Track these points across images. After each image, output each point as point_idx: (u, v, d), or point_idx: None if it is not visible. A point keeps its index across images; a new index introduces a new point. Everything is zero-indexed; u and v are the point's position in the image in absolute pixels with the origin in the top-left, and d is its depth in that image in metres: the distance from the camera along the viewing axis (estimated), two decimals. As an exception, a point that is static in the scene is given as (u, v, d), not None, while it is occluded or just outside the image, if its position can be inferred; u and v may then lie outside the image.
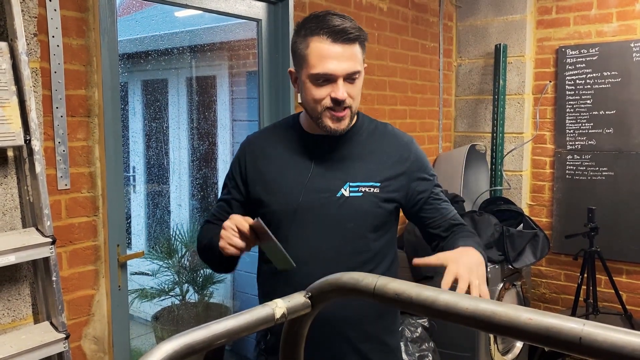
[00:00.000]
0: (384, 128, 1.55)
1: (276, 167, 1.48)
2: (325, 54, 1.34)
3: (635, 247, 3.42)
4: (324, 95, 1.37)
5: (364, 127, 1.51)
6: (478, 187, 3.72)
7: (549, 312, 0.74)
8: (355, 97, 1.40)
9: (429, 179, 1.51)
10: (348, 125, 1.42)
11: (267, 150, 1.52)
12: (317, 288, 0.98)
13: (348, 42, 1.35)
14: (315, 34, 1.35)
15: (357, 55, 1.38)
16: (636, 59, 3.37)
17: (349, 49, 1.35)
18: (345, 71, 1.35)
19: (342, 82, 1.36)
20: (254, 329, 0.93)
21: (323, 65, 1.34)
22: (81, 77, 1.85)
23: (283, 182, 1.45)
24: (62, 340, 1.58)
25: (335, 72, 1.34)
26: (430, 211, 1.49)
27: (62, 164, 1.79)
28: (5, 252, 1.46)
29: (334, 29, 1.34)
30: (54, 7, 1.72)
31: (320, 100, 1.37)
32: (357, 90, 1.40)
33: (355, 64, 1.37)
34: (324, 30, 1.35)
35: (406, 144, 1.52)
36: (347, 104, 1.38)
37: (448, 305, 0.82)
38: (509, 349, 3.18)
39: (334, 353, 1.45)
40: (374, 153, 1.47)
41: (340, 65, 1.34)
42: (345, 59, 1.35)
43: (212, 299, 3.61)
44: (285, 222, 1.42)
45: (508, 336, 0.83)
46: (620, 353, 0.66)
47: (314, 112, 1.40)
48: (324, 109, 1.38)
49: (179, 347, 0.81)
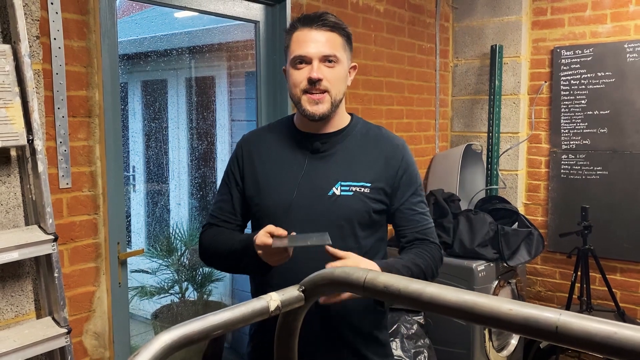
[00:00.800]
0: (378, 131, 1.58)
1: (270, 165, 1.52)
2: (302, 39, 1.44)
3: (629, 245, 3.46)
4: (302, 78, 1.43)
5: (358, 129, 1.55)
6: (474, 186, 3.76)
7: (529, 303, 0.78)
8: (332, 81, 1.44)
9: (410, 188, 1.53)
10: (328, 110, 1.45)
11: (262, 149, 1.56)
12: (310, 282, 1.02)
13: (324, 29, 1.44)
14: (297, 26, 1.47)
15: (334, 41, 1.45)
16: (630, 60, 3.41)
17: (325, 34, 1.44)
18: (320, 53, 1.42)
19: (318, 63, 1.42)
20: (249, 321, 0.97)
21: (300, 49, 1.44)
22: (82, 78, 1.89)
23: (277, 179, 1.50)
24: (64, 335, 1.62)
25: (309, 54, 1.42)
26: (401, 220, 1.51)
27: (63, 164, 1.83)
28: (9, 249, 1.50)
29: (310, 17, 1.45)
30: (55, 10, 1.76)
31: (299, 83, 1.44)
32: (335, 75, 1.45)
33: (331, 49, 1.44)
34: (302, 21, 1.46)
35: (397, 148, 1.55)
36: (323, 86, 1.43)
37: (433, 297, 0.86)
38: (504, 345, 3.23)
39: (325, 348, 1.48)
40: (366, 154, 1.51)
41: (316, 47, 1.42)
42: (321, 43, 1.43)
43: (211, 296, 3.65)
44: (278, 218, 1.46)
45: (490, 326, 0.87)
46: (593, 340, 0.70)
47: (295, 97, 1.47)
48: (302, 92, 1.44)
49: (177, 338, 0.85)
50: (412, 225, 1.51)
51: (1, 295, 1.63)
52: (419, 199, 1.54)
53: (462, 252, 3.04)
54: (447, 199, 3.30)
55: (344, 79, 1.49)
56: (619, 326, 0.69)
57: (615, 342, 0.68)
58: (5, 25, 1.59)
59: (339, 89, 1.47)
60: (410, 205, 1.51)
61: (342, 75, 1.47)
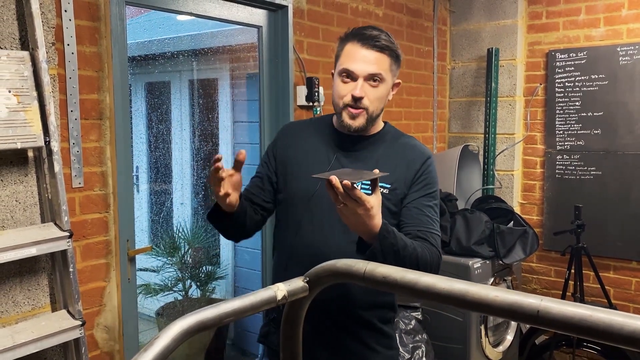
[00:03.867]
0: (407, 140, 1.67)
1: (301, 156, 1.63)
2: (352, 54, 1.53)
3: (622, 243, 3.54)
4: (346, 91, 1.53)
5: (389, 136, 1.65)
6: (471, 186, 3.84)
7: (514, 291, 0.86)
8: (372, 100, 1.54)
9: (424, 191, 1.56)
10: (363, 124, 1.55)
11: (298, 140, 1.67)
12: (314, 273, 1.10)
13: (375, 49, 1.52)
14: (351, 40, 1.55)
15: (382, 62, 1.53)
16: (622, 63, 3.50)
17: (374, 55, 1.52)
18: (365, 72, 1.51)
19: (363, 82, 1.52)
20: (258, 309, 1.05)
21: (348, 63, 1.52)
22: (94, 82, 1.97)
23: (304, 170, 1.59)
24: (79, 327, 1.70)
25: (356, 71, 1.51)
26: (406, 216, 1.54)
27: (76, 164, 1.91)
28: (27, 245, 1.59)
29: (365, 35, 1.53)
30: (69, 17, 1.84)
31: (343, 96, 1.54)
32: (376, 94, 1.54)
33: (377, 68, 1.52)
34: (357, 37, 1.54)
35: (422, 156, 1.61)
36: (364, 104, 1.53)
37: (427, 286, 0.94)
38: (500, 341, 3.31)
39: (332, 339, 1.57)
40: (391, 158, 1.59)
41: (363, 66, 1.51)
42: (369, 62, 1.52)
43: (214, 294, 3.73)
44: (300, 207, 1.57)
45: (479, 311, 0.95)
46: (571, 322, 0.78)
47: (337, 107, 1.57)
48: (344, 105, 1.54)
49: (193, 323, 0.93)
50: (416, 222, 1.51)
51: (19, 289, 1.72)
52: (430, 204, 1.56)
53: (458, 249, 3.12)
54: (444, 198, 3.39)
55: (385, 97, 1.58)
56: (594, 310, 0.77)
57: (590, 323, 0.76)
58: (23, 32, 1.68)
59: (378, 106, 1.57)
60: (418, 205, 1.54)
61: (383, 94, 1.56)
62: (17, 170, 1.70)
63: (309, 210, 1.56)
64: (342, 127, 1.58)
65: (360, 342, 1.60)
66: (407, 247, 1.38)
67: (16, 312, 1.72)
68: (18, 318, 1.72)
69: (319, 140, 1.64)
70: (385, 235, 1.32)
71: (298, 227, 1.58)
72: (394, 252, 1.33)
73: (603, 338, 0.76)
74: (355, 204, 1.26)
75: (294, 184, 1.61)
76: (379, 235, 1.32)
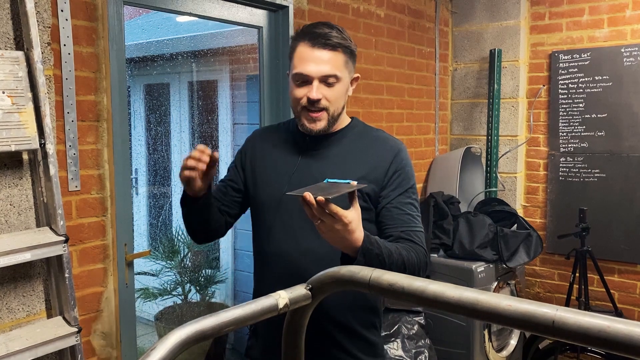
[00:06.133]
0: (375, 133, 1.62)
1: (267, 160, 1.61)
2: (304, 57, 1.47)
3: (626, 246, 3.50)
4: (302, 95, 1.48)
5: (355, 131, 1.60)
6: (473, 189, 3.80)
7: (527, 299, 0.82)
8: (332, 100, 1.48)
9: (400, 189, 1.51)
10: (325, 126, 1.50)
11: (264, 146, 1.65)
12: (317, 280, 1.06)
13: (327, 48, 1.46)
14: (301, 40, 1.49)
15: (336, 61, 1.47)
16: (627, 64, 3.46)
17: (327, 54, 1.46)
18: (319, 73, 1.46)
19: (318, 83, 1.46)
20: (259, 318, 1.01)
21: (301, 66, 1.47)
22: (91, 83, 1.94)
23: (270, 174, 1.58)
24: (75, 334, 1.66)
25: (310, 74, 1.46)
26: (386, 217, 1.49)
27: (72, 167, 1.87)
28: (22, 250, 1.55)
29: (314, 34, 1.47)
30: (65, 17, 1.80)
31: (299, 99, 1.49)
32: (334, 94, 1.48)
33: (332, 69, 1.46)
34: (307, 36, 1.48)
35: (392, 149, 1.55)
36: (322, 105, 1.48)
37: (436, 294, 0.90)
38: (504, 346, 3.27)
39: (317, 348, 1.52)
40: (357, 154, 1.55)
41: (317, 67, 1.46)
42: (322, 62, 1.46)
43: (214, 298, 3.69)
44: (270, 212, 1.54)
45: (491, 321, 0.91)
46: (588, 334, 0.74)
47: (295, 111, 1.53)
48: (302, 109, 1.50)
49: (191, 333, 0.89)
50: (398, 224, 1.47)
51: (13, 295, 1.68)
52: (409, 200, 1.51)
53: (461, 253, 3.09)
54: (446, 201, 3.35)
55: (344, 94, 1.53)
56: (612, 320, 0.73)
57: (608, 335, 0.72)
58: (18, 32, 1.64)
59: (338, 105, 1.51)
60: (398, 204, 1.49)
61: (341, 93, 1.51)
62: (11, 174, 1.66)
63: (279, 216, 1.53)
64: (304, 130, 1.54)
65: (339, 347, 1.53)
66: (392, 254, 1.34)
67: (10, 318, 1.68)
68: (12, 325, 1.68)
69: (285, 144, 1.61)
70: (368, 247, 1.28)
71: (268, 233, 1.56)
72: (379, 262, 1.29)
73: (623, 351, 0.72)
74: (332, 220, 1.21)
75: (261, 191, 1.59)
76: (362, 249, 1.27)
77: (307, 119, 1.49)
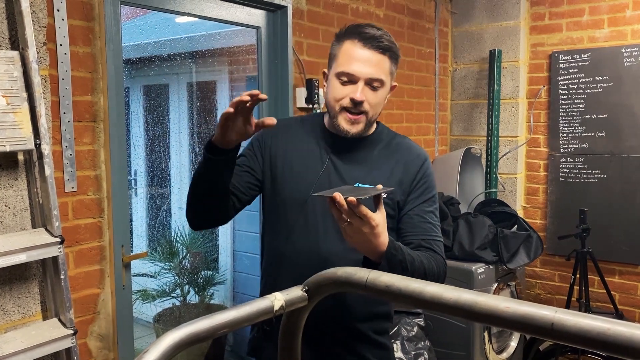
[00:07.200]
0: (402, 140, 1.60)
1: (293, 157, 1.53)
2: (353, 55, 1.42)
3: (627, 247, 3.49)
4: (344, 94, 1.43)
5: (383, 136, 1.57)
6: (473, 190, 3.79)
7: (526, 301, 0.80)
8: (373, 105, 1.45)
9: (423, 197, 1.50)
10: (362, 130, 1.46)
11: (288, 139, 1.56)
12: (313, 282, 1.05)
13: (377, 50, 1.42)
14: (350, 37, 1.44)
15: (383, 64, 1.43)
16: (627, 64, 3.45)
17: (376, 56, 1.42)
18: (367, 75, 1.41)
19: (363, 85, 1.42)
20: (254, 320, 0.99)
21: (349, 65, 1.42)
22: (87, 83, 1.92)
23: (297, 172, 1.51)
24: (71, 336, 1.65)
25: (358, 74, 1.41)
26: (408, 225, 1.47)
27: (69, 167, 1.86)
28: (17, 251, 1.53)
29: (366, 35, 1.42)
30: (61, 17, 1.79)
31: (340, 99, 1.43)
32: (377, 99, 1.45)
33: (379, 72, 1.42)
34: (358, 35, 1.43)
35: (418, 158, 1.54)
36: (364, 108, 1.43)
37: (433, 296, 0.88)
38: (504, 347, 3.25)
39: (327, 351, 1.51)
40: (386, 161, 1.52)
41: (365, 68, 1.41)
42: (371, 64, 1.41)
43: (213, 300, 3.68)
44: (293, 211, 1.48)
45: (489, 324, 0.89)
46: (588, 336, 0.73)
47: (333, 110, 1.46)
48: (341, 109, 1.44)
49: (185, 336, 0.88)
50: (419, 231, 1.46)
51: (8, 297, 1.66)
52: (431, 209, 1.50)
53: (461, 254, 3.07)
54: (446, 202, 3.34)
55: (384, 100, 1.50)
56: (612, 322, 0.71)
57: (609, 337, 0.71)
58: (13, 32, 1.63)
59: (377, 110, 1.48)
60: (419, 212, 1.48)
61: (382, 99, 1.48)
62: (6, 174, 1.65)
63: (303, 216, 1.48)
64: (337, 131, 1.49)
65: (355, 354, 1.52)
66: (415, 262, 1.32)
67: (5, 321, 1.66)
68: (7, 327, 1.66)
69: (311, 142, 1.55)
70: (393, 252, 1.26)
71: (290, 232, 1.50)
72: (402, 269, 1.27)
73: (624, 354, 0.70)
74: (360, 222, 1.19)
75: (286, 187, 1.51)
76: (387, 254, 1.25)
77: (346, 120, 1.45)
